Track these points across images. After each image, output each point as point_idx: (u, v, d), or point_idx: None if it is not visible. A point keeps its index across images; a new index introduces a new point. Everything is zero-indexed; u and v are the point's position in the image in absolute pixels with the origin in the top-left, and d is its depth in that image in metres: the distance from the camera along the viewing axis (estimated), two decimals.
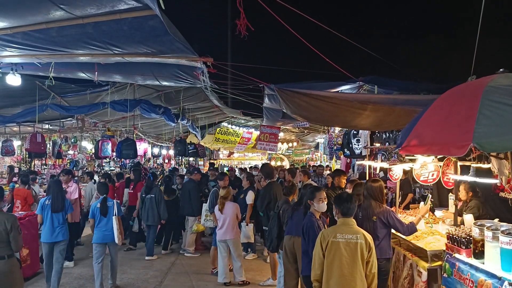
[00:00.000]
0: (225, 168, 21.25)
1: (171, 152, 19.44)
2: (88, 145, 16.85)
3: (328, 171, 13.45)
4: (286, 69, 13.30)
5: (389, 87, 6.85)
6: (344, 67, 6.36)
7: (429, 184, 5.96)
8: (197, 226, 8.23)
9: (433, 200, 5.84)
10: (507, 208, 5.12)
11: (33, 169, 13.51)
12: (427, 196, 5.77)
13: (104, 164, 18.31)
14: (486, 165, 4.05)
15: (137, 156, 11.50)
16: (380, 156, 6.50)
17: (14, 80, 6.19)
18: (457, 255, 3.60)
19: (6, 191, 7.14)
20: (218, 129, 17.13)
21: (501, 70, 3.23)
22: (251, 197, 7.71)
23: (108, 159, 17.28)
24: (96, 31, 4.52)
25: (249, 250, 8.18)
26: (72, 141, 15.50)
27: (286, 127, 15.70)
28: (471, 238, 3.48)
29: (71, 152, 16.23)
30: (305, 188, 5.07)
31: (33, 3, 3.91)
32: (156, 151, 18.71)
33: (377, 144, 6.97)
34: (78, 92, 8.84)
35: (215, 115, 14.33)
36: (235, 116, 15.12)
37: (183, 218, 9.01)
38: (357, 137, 8.27)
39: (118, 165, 18.45)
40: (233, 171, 14.20)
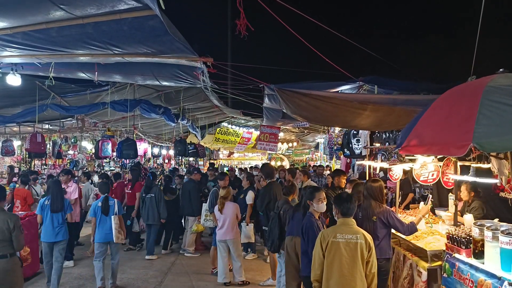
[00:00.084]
0: (225, 168, 21.26)
1: (171, 152, 19.44)
2: (88, 145, 16.85)
3: (328, 171, 13.45)
4: (286, 69, 13.32)
5: (389, 87, 6.85)
6: (344, 67, 6.37)
7: (429, 184, 5.96)
8: (196, 226, 8.24)
9: (433, 200, 5.83)
10: (507, 208, 5.12)
11: (33, 169, 13.50)
12: (428, 196, 5.77)
13: (104, 164, 18.31)
14: (486, 165, 4.05)
15: (137, 156, 11.50)
16: (380, 156, 6.50)
17: (14, 80, 6.19)
18: (457, 255, 3.60)
19: (7, 191, 7.15)
20: (218, 129, 17.13)
21: (501, 70, 3.23)
22: (251, 197, 7.72)
23: (108, 159, 17.27)
24: (96, 31, 4.52)
25: (249, 250, 8.19)
26: (72, 141, 15.51)
27: (286, 127, 15.70)
28: (471, 238, 3.48)
29: (71, 152, 16.24)
30: (305, 189, 5.07)
31: (33, 3, 3.91)
32: (156, 151, 18.71)
33: (377, 144, 6.97)
34: (78, 92, 8.85)
35: (215, 115, 14.33)
36: (235, 116, 15.12)
37: (182, 218, 9.03)
38: (357, 137, 8.27)
39: (118, 165, 18.43)
40: (233, 171, 14.20)
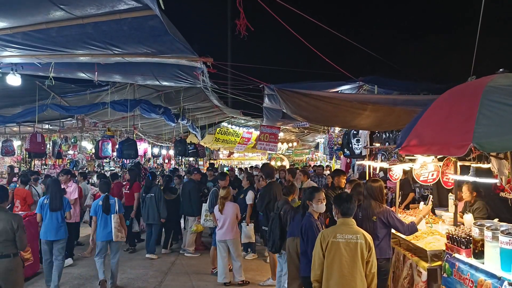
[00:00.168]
0: (225, 168, 21.26)
1: (171, 152, 19.44)
2: (88, 145, 16.85)
3: (328, 171, 13.45)
4: (286, 69, 13.31)
5: (389, 87, 6.85)
6: (344, 67, 6.36)
7: (429, 184, 5.96)
8: (196, 226, 8.24)
9: (433, 200, 5.83)
10: (507, 208, 5.12)
11: (33, 169, 13.51)
12: (428, 196, 5.76)
13: (104, 164, 18.31)
14: (486, 165, 4.05)
15: (138, 156, 11.51)
16: (380, 156, 6.50)
17: (14, 80, 6.20)
18: (457, 255, 3.60)
19: None
20: (218, 129, 17.13)
21: (501, 70, 3.23)
22: (251, 197, 7.72)
23: (108, 159, 17.27)
24: (96, 31, 4.52)
25: (249, 250, 8.19)
26: (72, 141, 15.51)
27: (286, 127, 15.70)
28: (471, 238, 3.48)
29: (71, 152, 16.24)
30: (306, 190, 5.07)
31: (33, 3, 3.91)
32: (156, 151, 18.71)
33: (377, 144, 6.97)
34: (78, 92, 8.85)
35: (215, 115, 14.33)
36: (235, 116, 15.12)
37: (181, 218, 9.05)
38: (357, 137, 8.27)
39: (118, 165, 18.43)
40: (233, 171, 14.20)
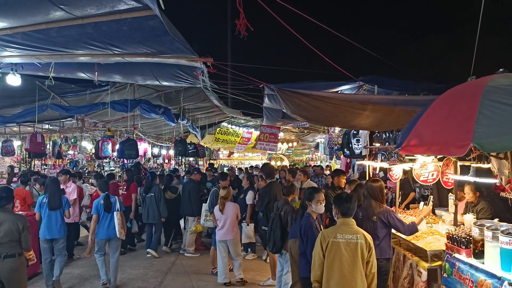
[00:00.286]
0: (225, 168, 21.26)
1: (171, 152, 19.44)
2: (88, 145, 16.86)
3: (328, 171, 13.45)
4: (286, 69, 13.31)
5: (389, 87, 6.85)
6: (344, 67, 6.36)
7: (429, 184, 5.96)
8: (195, 226, 8.25)
9: (433, 200, 5.84)
10: (507, 208, 5.12)
11: (33, 169, 13.51)
12: (429, 197, 5.76)
13: (104, 164, 18.31)
14: (486, 165, 4.05)
15: (138, 156, 11.52)
16: (380, 156, 6.50)
17: (14, 80, 6.20)
18: (457, 255, 3.60)
19: None
20: (218, 129, 17.13)
21: (501, 70, 3.23)
22: (251, 197, 7.72)
23: (108, 159, 17.27)
24: (96, 31, 4.52)
25: (249, 250, 8.19)
26: (72, 141, 15.51)
27: (286, 127, 15.70)
28: (471, 238, 3.48)
29: (71, 152, 16.24)
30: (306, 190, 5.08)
31: (33, 3, 3.91)
32: (156, 151, 18.72)
33: (377, 144, 6.97)
34: (78, 92, 8.85)
35: (215, 115, 14.33)
36: (235, 116, 15.12)
37: (180, 218, 9.08)
38: (357, 137, 8.27)
39: (118, 165, 18.43)
40: (233, 170, 14.20)
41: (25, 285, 4.65)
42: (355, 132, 8.27)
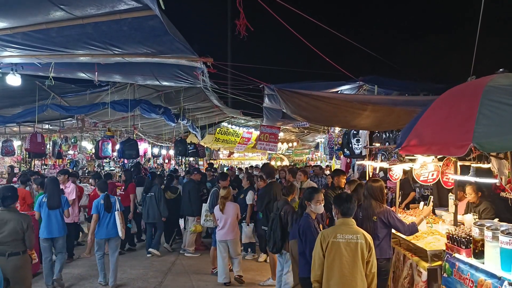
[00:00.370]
0: (225, 168, 21.25)
1: (171, 152, 19.44)
2: (88, 145, 16.85)
3: (328, 171, 13.45)
4: (286, 69, 13.33)
5: (389, 87, 6.85)
6: (344, 67, 6.36)
7: (429, 184, 5.96)
8: (194, 226, 8.25)
9: (433, 200, 5.84)
10: (507, 208, 5.12)
11: (33, 169, 13.51)
12: (429, 197, 5.76)
13: (104, 164, 18.31)
14: (486, 165, 4.05)
15: (139, 156, 11.52)
16: (380, 156, 6.50)
17: (14, 80, 6.20)
18: (457, 255, 3.60)
19: None
20: (218, 129, 17.13)
21: (501, 70, 3.23)
22: (251, 197, 7.72)
23: (108, 159, 17.27)
24: (96, 31, 4.52)
25: (249, 250, 8.19)
26: (72, 141, 15.50)
27: (286, 127, 15.70)
28: (471, 238, 3.48)
29: (71, 152, 16.24)
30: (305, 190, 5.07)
31: (33, 3, 3.91)
32: (156, 151, 18.72)
33: (377, 144, 6.97)
34: (78, 92, 8.85)
35: (215, 115, 14.33)
36: (235, 116, 15.12)
37: (179, 218, 9.11)
38: (357, 137, 8.27)
39: (118, 165, 18.44)
40: (232, 170, 14.20)
41: (30, 283, 4.74)
42: (355, 132, 8.27)
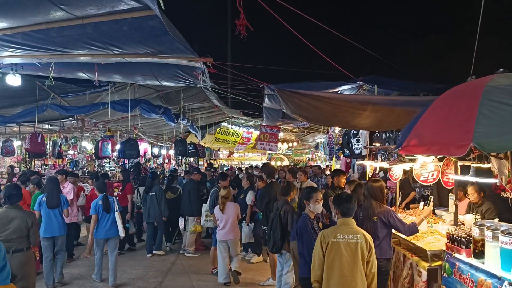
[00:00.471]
0: (225, 168, 21.25)
1: (171, 152, 19.44)
2: (88, 145, 16.84)
3: (328, 171, 13.45)
4: (286, 69, 13.34)
5: (389, 87, 6.85)
6: (344, 67, 6.36)
7: (429, 184, 5.96)
8: (194, 226, 8.25)
9: (433, 200, 5.83)
10: (507, 208, 5.12)
11: (33, 169, 13.50)
12: (429, 197, 5.75)
13: (104, 164, 18.29)
14: (486, 165, 4.05)
15: (139, 156, 11.51)
16: (380, 156, 6.50)
17: (14, 80, 6.21)
18: (457, 255, 3.60)
19: None
20: (218, 129, 17.13)
21: (501, 70, 3.23)
22: (250, 197, 7.71)
23: (108, 159, 17.26)
24: (96, 31, 4.52)
25: (249, 250, 8.18)
26: (72, 141, 15.49)
27: (286, 127, 15.70)
28: (471, 238, 3.48)
29: (71, 152, 16.22)
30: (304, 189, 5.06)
31: (33, 3, 3.91)
32: (156, 151, 18.71)
33: (377, 144, 6.96)
34: (78, 92, 8.85)
35: (215, 115, 14.33)
36: (235, 116, 15.12)
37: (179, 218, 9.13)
38: (357, 137, 8.27)
39: (118, 165, 18.42)
40: (232, 170, 14.19)
41: (34, 279, 4.80)
42: (355, 132, 8.27)
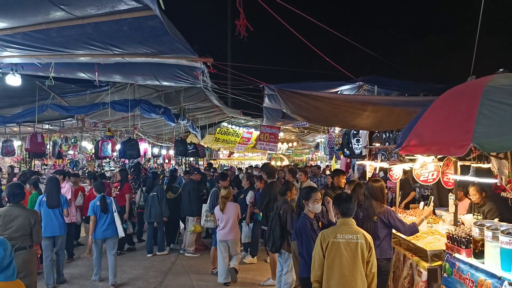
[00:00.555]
0: (225, 168, 21.25)
1: (171, 152, 19.43)
2: (88, 145, 16.84)
3: (328, 171, 13.45)
4: (286, 69, 13.33)
5: (389, 87, 6.85)
6: (344, 67, 6.35)
7: (429, 184, 5.96)
8: (194, 226, 8.25)
9: (433, 200, 5.83)
10: (507, 208, 5.13)
11: (33, 169, 13.50)
12: (429, 197, 5.76)
13: (104, 164, 18.29)
14: (486, 165, 4.05)
15: (140, 156, 11.51)
16: (380, 156, 6.50)
17: (14, 80, 6.21)
18: (457, 255, 3.60)
19: None
20: (218, 129, 17.13)
21: (501, 70, 3.23)
22: (250, 197, 7.71)
23: (108, 159, 17.25)
24: (96, 31, 4.52)
25: (249, 250, 8.17)
26: (72, 141, 15.49)
27: (286, 127, 15.70)
28: (471, 238, 3.48)
29: (71, 152, 16.22)
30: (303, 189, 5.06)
31: (33, 3, 3.91)
32: (156, 151, 18.71)
33: (377, 144, 6.97)
34: (78, 92, 8.85)
35: (215, 115, 14.33)
36: (235, 116, 15.12)
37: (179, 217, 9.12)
38: (357, 137, 8.28)
39: (118, 165, 18.42)
40: (232, 170, 14.20)
41: (35, 278, 4.82)
42: (355, 132, 8.27)
